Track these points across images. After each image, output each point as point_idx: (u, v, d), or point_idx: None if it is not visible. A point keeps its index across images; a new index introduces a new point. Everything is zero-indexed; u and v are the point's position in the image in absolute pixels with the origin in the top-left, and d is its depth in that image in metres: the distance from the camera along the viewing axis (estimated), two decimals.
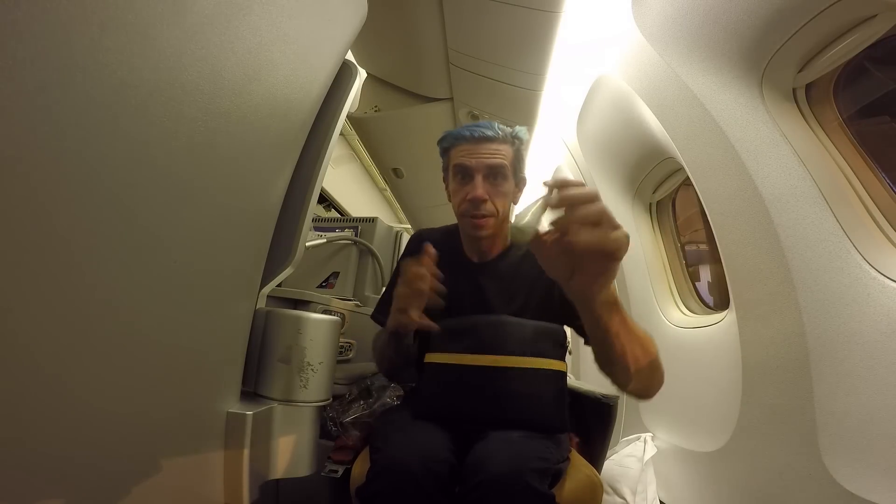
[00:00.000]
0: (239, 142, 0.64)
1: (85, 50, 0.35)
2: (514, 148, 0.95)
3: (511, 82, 1.70)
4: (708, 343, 1.44)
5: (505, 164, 0.92)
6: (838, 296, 0.93)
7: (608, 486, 1.48)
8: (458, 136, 0.95)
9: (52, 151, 0.35)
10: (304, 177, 0.89)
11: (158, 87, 0.45)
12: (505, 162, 0.93)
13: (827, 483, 0.91)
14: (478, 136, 0.93)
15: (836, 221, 0.95)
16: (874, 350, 0.87)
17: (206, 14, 0.49)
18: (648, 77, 1.25)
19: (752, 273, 1.12)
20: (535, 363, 0.82)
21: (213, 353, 0.70)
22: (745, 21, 0.96)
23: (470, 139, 0.93)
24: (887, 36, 0.86)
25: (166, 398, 0.59)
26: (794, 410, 1.01)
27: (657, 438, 1.66)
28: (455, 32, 1.57)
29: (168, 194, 0.51)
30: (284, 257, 0.86)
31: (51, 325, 0.39)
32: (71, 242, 0.39)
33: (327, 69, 0.87)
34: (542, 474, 0.69)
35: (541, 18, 1.33)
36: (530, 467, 0.68)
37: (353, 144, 3.44)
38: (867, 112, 1.02)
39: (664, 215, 1.88)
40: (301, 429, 0.82)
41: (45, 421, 0.39)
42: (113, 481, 0.49)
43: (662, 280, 1.85)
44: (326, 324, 0.85)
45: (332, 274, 1.70)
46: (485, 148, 0.92)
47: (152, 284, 0.52)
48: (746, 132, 1.05)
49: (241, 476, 0.71)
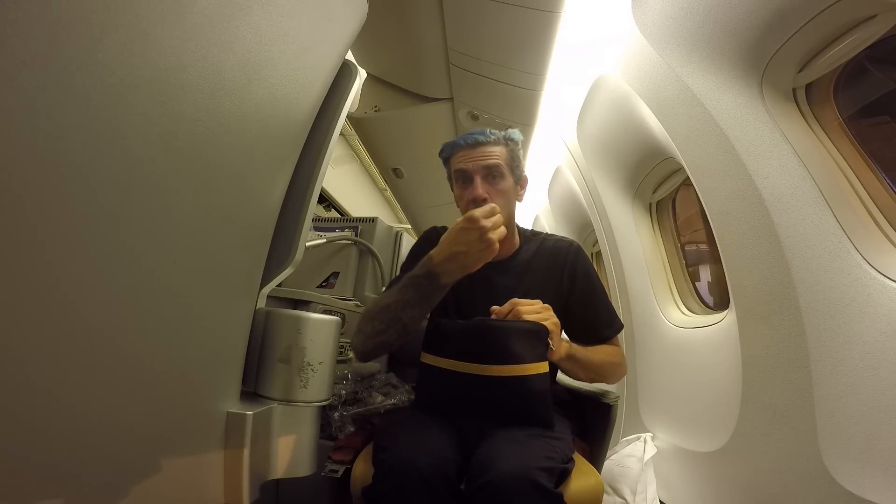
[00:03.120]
0: (239, 142, 0.64)
1: (85, 50, 0.35)
2: (507, 148, 1.01)
3: (511, 82, 1.70)
4: (708, 343, 1.44)
5: (500, 163, 0.98)
6: (838, 296, 0.93)
7: (608, 486, 1.48)
8: (455, 144, 1.02)
9: (51, 151, 0.35)
10: (304, 177, 0.89)
11: (158, 87, 0.45)
12: (500, 161, 0.98)
13: (827, 483, 0.91)
14: (471, 142, 1.00)
15: (836, 221, 0.95)
16: (874, 350, 0.87)
17: (206, 14, 0.49)
18: (648, 77, 1.25)
19: (752, 273, 1.12)
20: (515, 370, 0.83)
21: (213, 353, 0.70)
22: (745, 21, 0.96)
23: (465, 146, 1.00)
24: (887, 36, 0.86)
25: (166, 398, 0.59)
26: (794, 410, 1.01)
27: (657, 438, 1.66)
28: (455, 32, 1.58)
29: (168, 194, 0.51)
30: (284, 257, 0.86)
31: (50, 325, 0.39)
32: (70, 242, 0.39)
33: (327, 69, 0.87)
34: (549, 473, 0.70)
35: (541, 18, 1.33)
36: (537, 466, 0.69)
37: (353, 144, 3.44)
38: (867, 112, 1.02)
39: (664, 215, 1.88)
40: (301, 429, 0.82)
41: (44, 421, 0.39)
42: (113, 481, 0.49)
43: (662, 280, 1.85)
44: (326, 324, 0.85)
45: (332, 274, 1.70)
46: (479, 151, 0.99)
47: (152, 284, 0.52)
48: (746, 132, 1.05)
49: (241, 476, 0.71)
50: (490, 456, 0.72)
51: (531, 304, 0.86)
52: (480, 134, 1.00)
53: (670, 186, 1.73)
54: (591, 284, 1.03)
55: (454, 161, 1.02)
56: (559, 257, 1.04)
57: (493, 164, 0.97)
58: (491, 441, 0.76)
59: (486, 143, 0.99)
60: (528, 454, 0.72)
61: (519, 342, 0.83)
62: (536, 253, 1.05)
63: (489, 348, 0.84)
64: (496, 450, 0.73)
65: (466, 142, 1.00)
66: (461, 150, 1.01)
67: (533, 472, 0.68)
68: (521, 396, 0.83)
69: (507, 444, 0.74)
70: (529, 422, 0.83)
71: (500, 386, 0.83)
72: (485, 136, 1.00)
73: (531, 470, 0.68)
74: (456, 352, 0.87)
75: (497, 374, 0.82)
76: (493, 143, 1.00)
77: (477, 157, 0.98)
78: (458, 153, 1.01)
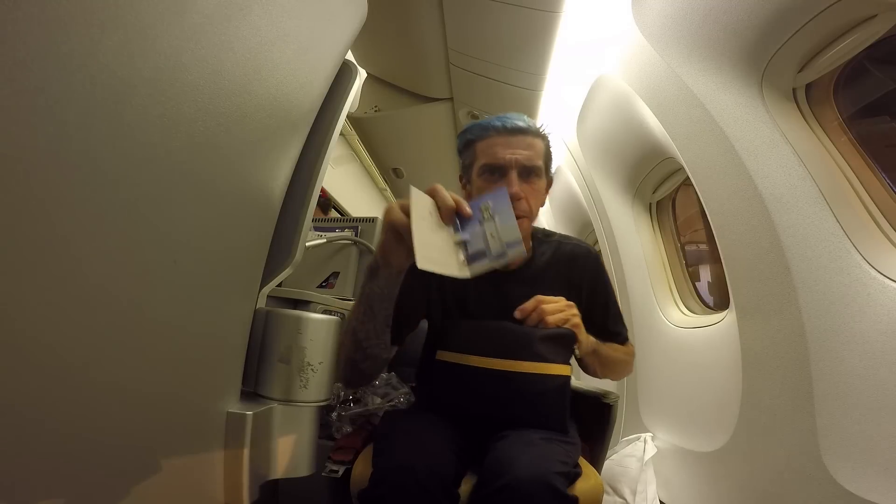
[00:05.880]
0: (239, 142, 0.64)
1: (85, 50, 0.35)
2: (545, 143, 0.89)
3: (511, 82, 1.71)
4: (708, 343, 1.44)
5: (540, 161, 0.86)
6: (838, 296, 0.93)
7: (608, 486, 1.48)
8: (487, 126, 0.85)
9: (51, 151, 0.35)
10: (304, 177, 0.89)
11: (158, 87, 0.45)
12: (541, 159, 0.86)
13: (827, 483, 0.91)
14: (510, 128, 0.84)
15: (836, 221, 0.95)
16: (874, 350, 0.87)
17: (206, 14, 0.49)
18: (648, 77, 1.25)
19: (752, 273, 1.12)
20: (540, 368, 0.81)
21: (213, 353, 0.70)
22: (745, 21, 0.96)
23: (501, 130, 0.84)
24: (887, 36, 0.86)
25: (166, 398, 0.59)
26: (794, 410, 1.01)
27: (657, 438, 1.66)
28: (455, 32, 1.58)
29: (168, 194, 0.51)
30: (284, 257, 0.86)
31: (50, 325, 0.39)
32: (71, 243, 0.39)
33: (327, 69, 0.87)
34: (565, 477, 0.69)
35: (541, 18, 1.33)
36: (554, 471, 0.68)
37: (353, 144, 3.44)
38: (867, 112, 1.02)
39: (664, 215, 1.88)
40: (301, 429, 0.82)
41: (43, 421, 0.39)
42: (113, 481, 0.49)
43: (662, 280, 1.85)
44: (326, 324, 0.85)
45: (332, 274, 1.70)
46: (519, 141, 0.84)
47: (152, 285, 0.52)
48: (746, 132, 1.05)
49: (241, 476, 0.71)
50: (507, 458, 0.70)
51: (555, 303, 0.82)
52: (520, 119, 0.85)
53: (670, 186, 1.73)
54: (609, 293, 0.99)
55: (483, 147, 0.86)
56: (577, 266, 0.95)
57: (535, 160, 0.84)
58: (505, 442, 0.75)
59: (528, 132, 0.85)
60: (546, 458, 0.70)
61: (545, 344, 0.81)
62: (552, 260, 0.95)
63: (515, 347, 0.81)
64: (513, 452, 0.71)
65: (504, 125, 0.84)
66: (496, 135, 0.84)
67: (551, 476, 0.66)
68: (543, 395, 0.81)
69: (524, 446, 0.73)
70: (545, 424, 0.81)
71: (523, 381, 0.80)
72: (525, 123, 0.85)
73: (550, 474, 0.66)
74: (481, 348, 0.83)
75: (522, 370, 0.80)
76: (533, 133, 0.85)
77: (517, 147, 0.83)
78: (490, 138, 0.84)
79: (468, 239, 0.69)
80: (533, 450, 0.72)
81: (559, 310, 0.82)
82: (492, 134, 0.85)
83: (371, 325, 0.77)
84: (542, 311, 0.81)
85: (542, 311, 0.81)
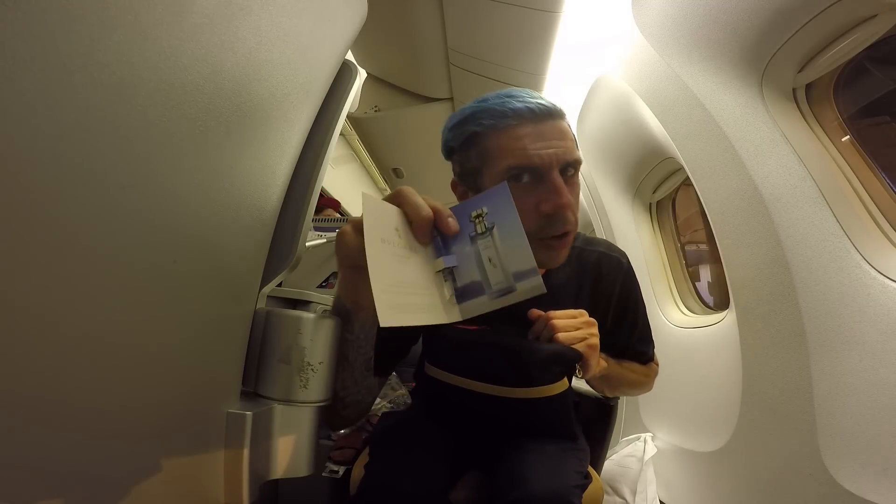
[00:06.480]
0: (239, 142, 0.64)
1: (85, 50, 0.35)
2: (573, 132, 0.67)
3: (511, 82, 1.70)
4: (708, 343, 1.44)
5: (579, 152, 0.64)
6: (838, 296, 0.93)
7: (608, 486, 1.48)
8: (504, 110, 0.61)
9: (51, 151, 0.35)
10: (304, 177, 0.89)
11: (158, 87, 0.45)
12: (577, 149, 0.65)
13: (827, 483, 0.91)
14: (539, 112, 0.61)
15: (836, 221, 0.95)
16: (874, 350, 0.87)
17: (206, 14, 0.49)
18: (648, 77, 1.25)
19: (752, 273, 1.12)
20: (537, 392, 0.77)
21: (213, 354, 0.70)
22: (745, 21, 0.96)
23: (527, 115, 0.60)
24: (887, 36, 0.86)
25: (166, 398, 0.59)
26: (794, 410, 1.01)
27: (657, 438, 1.66)
28: (455, 32, 1.58)
29: (167, 195, 0.51)
30: (284, 257, 0.85)
31: (49, 325, 0.39)
32: (70, 243, 0.39)
33: (327, 69, 0.87)
34: (581, 489, 0.68)
35: (541, 18, 1.33)
36: (572, 484, 0.66)
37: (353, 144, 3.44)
38: (867, 112, 1.02)
39: (664, 215, 1.88)
40: (301, 429, 0.82)
41: (43, 422, 0.39)
42: (112, 482, 0.49)
43: (662, 280, 1.85)
44: (326, 324, 0.85)
45: (332, 274, 1.70)
46: (552, 129, 0.61)
47: (152, 285, 0.52)
48: (746, 132, 1.05)
49: (241, 476, 0.71)
50: (521, 471, 0.67)
51: (571, 319, 0.66)
52: (539, 97, 0.63)
53: (670, 186, 1.73)
54: (639, 310, 0.86)
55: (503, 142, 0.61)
56: (604, 279, 0.80)
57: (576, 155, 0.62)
58: (518, 454, 0.72)
59: (556, 114, 0.62)
60: (562, 471, 0.68)
61: (543, 367, 0.73)
62: (575, 271, 0.79)
63: (507, 370, 0.74)
64: (527, 465, 0.68)
65: (530, 108, 0.60)
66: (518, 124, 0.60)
67: (568, 490, 0.64)
68: (545, 414, 0.78)
69: (539, 457, 0.70)
70: (553, 434, 0.79)
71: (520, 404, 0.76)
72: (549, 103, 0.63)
73: (567, 488, 0.64)
74: (467, 369, 0.76)
75: (516, 396, 0.75)
76: (560, 114, 0.63)
77: (551, 138, 0.60)
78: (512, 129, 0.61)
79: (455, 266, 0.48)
80: (548, 462, 0.69)
81: (574, 327, 0.65)
82: (512, 122, 0.60)
83: (347, 374, 0.61)
84: (552, 327, 0.64)
85: (552, 328, 0.64)
